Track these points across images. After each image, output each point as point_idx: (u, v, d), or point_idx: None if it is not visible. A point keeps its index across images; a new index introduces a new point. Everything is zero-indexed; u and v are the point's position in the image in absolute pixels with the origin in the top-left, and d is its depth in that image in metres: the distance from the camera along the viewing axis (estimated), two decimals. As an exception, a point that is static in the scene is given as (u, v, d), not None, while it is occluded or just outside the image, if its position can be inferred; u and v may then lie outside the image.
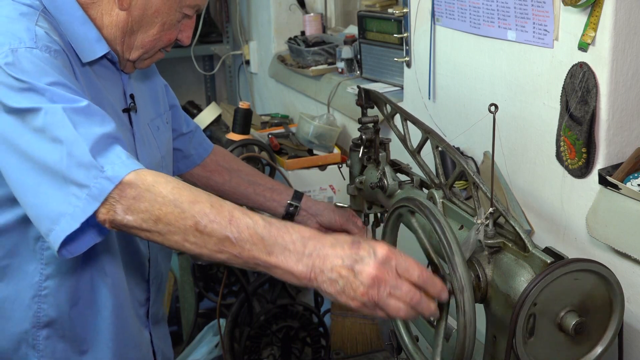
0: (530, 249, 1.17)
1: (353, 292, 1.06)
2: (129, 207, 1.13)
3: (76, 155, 1.15)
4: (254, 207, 1.86)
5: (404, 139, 1.55)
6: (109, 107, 1.38)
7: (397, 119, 1.57)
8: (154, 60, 1.48)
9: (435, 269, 1.27)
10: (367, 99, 1.64)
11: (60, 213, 1.14)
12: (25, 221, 1.34)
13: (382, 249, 1.08)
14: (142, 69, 1.52)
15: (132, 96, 1.49)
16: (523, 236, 1.18)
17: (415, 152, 1.50)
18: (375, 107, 1.65)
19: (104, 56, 1.39)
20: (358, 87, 1.67)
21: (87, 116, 1.18)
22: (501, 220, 1.27)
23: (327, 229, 1.83)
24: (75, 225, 1.14)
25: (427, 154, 1.46)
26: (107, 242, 1.41)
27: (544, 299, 1.12)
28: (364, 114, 1.63)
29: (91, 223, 1.17)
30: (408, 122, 1.52)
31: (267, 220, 1.12)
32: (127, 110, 1.47)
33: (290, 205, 1.81)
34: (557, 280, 1.11)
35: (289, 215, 1.82)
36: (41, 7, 1.33)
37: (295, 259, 1.09)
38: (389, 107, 1.58)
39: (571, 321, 1.13)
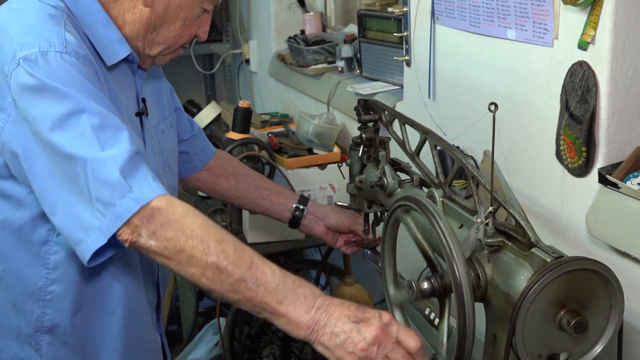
0: (532, 238, 1.17)
1: (353, 346, 1.12)
2: (155, 232, 1.16)
3: (102, 173, 1.16)
4: (261, 212, 1.85)
5: (402, 143, 1.54)
6: (124, 111, 1.38)
7: (396, 123, 1.57)
8: (175, 56, 1.48)
9: (433, 267, 1.27)
10: (365, 108, 1.64)
11: (90, 226, 1.17)
12: (29, 226, 1.34)
13: (387, 315, 1.16)
14: (151, 72, 1.51)
15: (143, 100, 1.48)
16: (524, 224, 1.18)
17: (415, 154, 1.50)
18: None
19: (124, 58, 1.38)
20: (358, 101, 1.66)
21: (114, 131, 1.20)
22: (502, 217, 1.27)
23: (335, 231, 1.82)
24: (103, 240, 1.17)
25: (426, 155, 1.46)
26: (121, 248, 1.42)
27: (544, 298, 1.12)
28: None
29: (110, 239, 1.19)
30: (406, 125, 1.52)
31: (284, 272, 1.18)
32: (139, 114, 1.46)
33: (297, 208, 1.80)
34: (556, 279, 1.11)
35: (296, 219, 1.80)
36: (66, 9, 1.32)
37: (304, 310, 1.15)
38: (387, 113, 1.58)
39: (571, 320, 1.13)
